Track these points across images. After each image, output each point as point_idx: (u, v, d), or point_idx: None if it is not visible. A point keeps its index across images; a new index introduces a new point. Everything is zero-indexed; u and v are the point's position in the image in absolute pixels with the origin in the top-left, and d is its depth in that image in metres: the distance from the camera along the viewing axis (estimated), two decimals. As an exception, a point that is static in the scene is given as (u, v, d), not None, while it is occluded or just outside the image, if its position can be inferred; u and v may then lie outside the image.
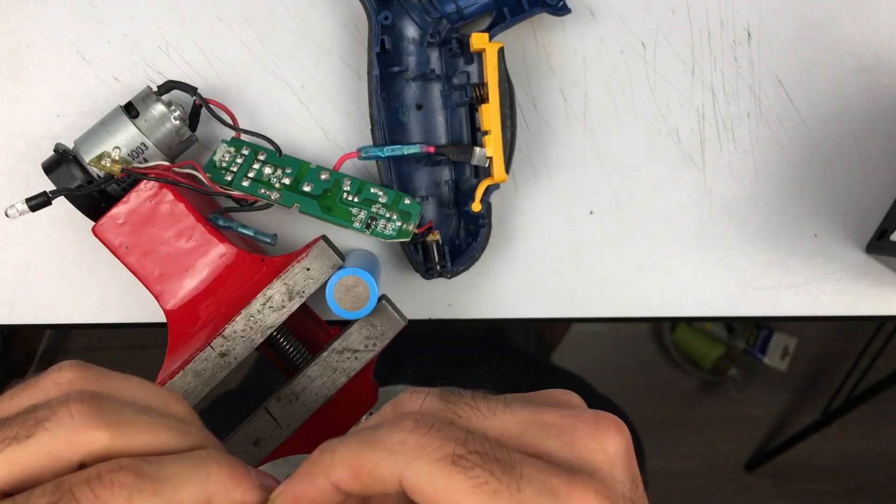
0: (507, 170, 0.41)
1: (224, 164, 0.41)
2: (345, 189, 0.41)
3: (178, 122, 0.39)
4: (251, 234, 0.41)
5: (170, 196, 0.39)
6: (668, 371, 1.57)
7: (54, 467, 0.23)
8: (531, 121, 0.46)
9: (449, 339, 0.76)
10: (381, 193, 0.41)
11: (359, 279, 0.37)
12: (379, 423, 0.26)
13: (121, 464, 0.23)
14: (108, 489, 0.22)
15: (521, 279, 0.46)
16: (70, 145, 0.40)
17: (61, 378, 0.25)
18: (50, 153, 0.40)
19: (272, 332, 0.38)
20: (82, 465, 0.24)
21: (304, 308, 0.40)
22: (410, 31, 0.42)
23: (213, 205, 0.43)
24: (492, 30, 0.41)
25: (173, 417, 0.26)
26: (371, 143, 0.42)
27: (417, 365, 0.70)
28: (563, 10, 0.42)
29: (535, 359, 1.11)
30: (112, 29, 0.44)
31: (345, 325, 0.39)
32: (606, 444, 0.25)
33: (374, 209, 0.41)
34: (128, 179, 0.38)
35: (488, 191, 0.42)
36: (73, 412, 0.23)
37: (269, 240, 0.41)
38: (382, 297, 0.38)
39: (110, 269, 0.44)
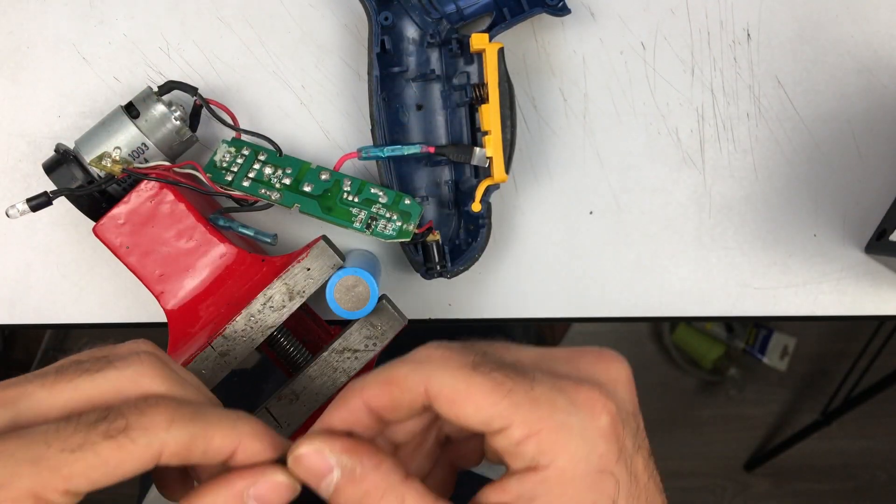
0: (507, 170, 0.41)
1: (224, 165, 0.41)
2: (345, 189, 0.41)
3: (178, 122, 0.39)
4: (251, 234, 0.41)
5: (170, 196, 0.39)
6: (667, 371, 1.57)
7: (114, 402, 0.26)
8: (531, 121, 0.46)
9: (450, 335, 0.76)
10: (381, 193, 0.41)
11: (359, 279, 0.37)
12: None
13: (164, 397, 0.26)
14: (152, 409, 0.25)
15: (521, 279, 0.46)
16: (71, 145, 0.40)
17: (137, 347, 0.28)
18: (51, 153, 0.40)
19: (272, 332, 0.38)
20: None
21: (304, 308, 0.40)
22: (410, 31, 0.42)
23: (213, 205, 0.43)
24: (492, 30, 0.41)
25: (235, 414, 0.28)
26: (371, 143, 0.42)
27: None
28: (562, 11, 0.42)
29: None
30: (113, 29, 0.44)
31: (345, 325, 0.39)
32: (610, 369, 0.28)
33: (374, 209, 0.41)
34: (128, 179, 0.39)
35: (488, 191, 0.42)
36: (142, 360, 0.27)
37: (269, 240, 0.41)
38: (382, 297, 0.38)
39: (111, 269, 0.45)
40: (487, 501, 0.27)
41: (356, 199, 0.41)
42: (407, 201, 0.41)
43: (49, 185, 0.39)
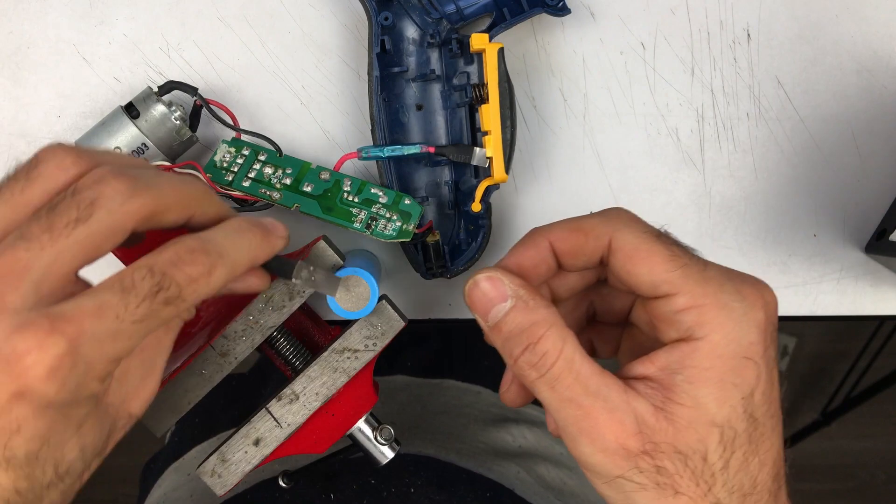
0: (507, 170, 0.41)
1: (225, 165, 0.41)
2: (345, 189, 0.41)
3: (178, 122, 0.39)
4: (252, 234, 0.41)
5: (170, 196, 0.39)
6: (667, 371, 1.57)
7: (114, 240, 0.27)
8: (531, 121, 0.46)
9: (450, 333, 0.76)
10: (381, 194, 0.41)
11: (359, 279, 0.37)
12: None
13: (189, 245, 0.27)
14: (192, 266, 0.27)
15: (520, 279, 0.46)
16: (71, 145, 0.40)
17: (63, 163, 0.28)
18: (51, 153, 0.40)
19: (272, 332, 0.38)
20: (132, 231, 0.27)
21: (304, 308, 0.40)
22: (410, 31, 0.42)
23: (213, 205, 0.43)
24: (492, 30, 0.41)
25: (177, 176, 0.30)
26: (371, 143, 0.42)
27: (417, 356, 0.70)
28: (562, 11, 0.42)
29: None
30: (113, 29, 0.44)
31: (345, 325, 0.39)
32: (768, 291, 0.30)
33: (374, 209, 0.41)
34: (128, 180, 0.39)
35: (488, 191, 0.42)
36: (116, 189, 0.27)
37: (269, 240, 0.41)
38: (382, 297, 0.38)
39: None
40: (633, 373, 0.29)
41: (356, 200, 0.41)
42: (407, 201, 0.41)
43: (49, 186, 0.39)
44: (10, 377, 0.24)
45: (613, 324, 0.36)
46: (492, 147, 0.41)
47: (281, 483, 0.44)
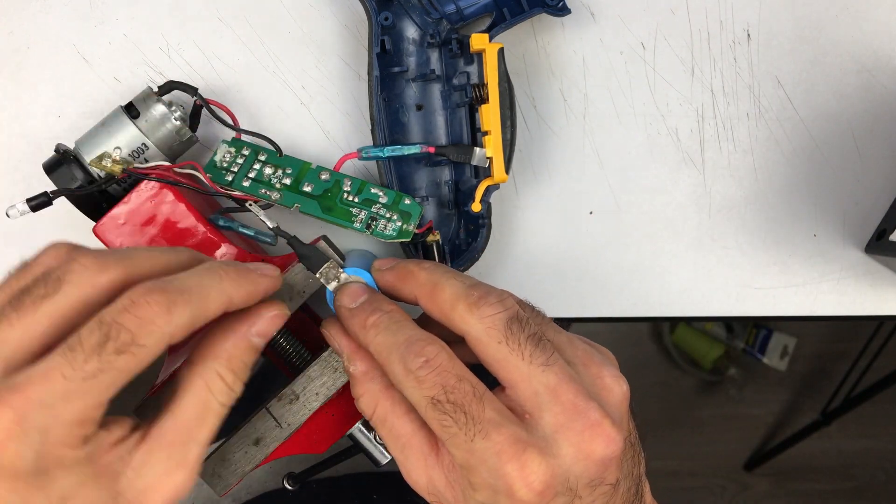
0: (507, 170, 0.41)
1: (225, 165, 0.41)
2: (345, 189, 0.41)
3: (178, 122, 0.39)
4: (252, 234, 0.41)
5: (170, 196, 0.39)
6: (667, 371, 1.58)
7: (87, 311, 0.27)
8: (531, 121, 0.46)
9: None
10: (381, 194, 0.41)
11: (359, 279, 0.37)
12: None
13: (146, 286, 0.27)
14: (145, 309, 0.26)
15: (521, 279, 0.46)
16: (71, 146, 0.40)
17: (58, 251, 0.28)
18: (51, 154, 0.40)
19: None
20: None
21: (304, 308, 0.40)
22: (410, 31, 0.42)
23: (213, 205, 0.43)
24: (492, 30, 0.41)
25: (160, 248, 0.31)
26: (371, 143, 0.42)
27: None
28: (562, 11, 0.42)
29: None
30: (113, 29, 0.44)
31: (345, 325, 0.39)
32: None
33: (374, 209, 0.41)
34: (128, 180, 0.39)
35: (488, 191, 0.42)
36: (84, 264, 0.27)
37: (269, 240, 0.41)
38: (383, 297, 0.38)
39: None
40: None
41: (356, 200, 0.41)
42: (407, 201, 0.41)
43: (49, 186, 0.39)
44: None
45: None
46: (492, 147, 0.41)
47: (286, 486, 0.44)
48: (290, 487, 0.44)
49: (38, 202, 0.38)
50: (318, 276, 0.34)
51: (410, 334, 0.32)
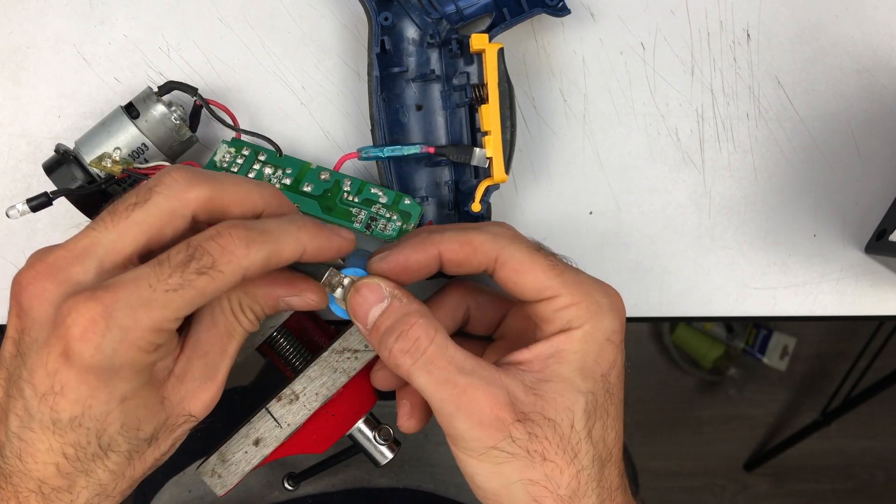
0: (507, 170, 0.41)
1: (225, 165, 0.41)
2: (345, 189, 0.41)
3: (178, 122, 0.39)
4: (252, 234, 0.41)
5: (170, 196, 0.39)
6: (667, 371, 1.58)
7: (174, 223, 0.29)
8: (531, 121, 0.46)
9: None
10: (381, 194, 0.41)
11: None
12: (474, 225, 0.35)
13: (233, 222, 0.29)
14: (228, 240, 0.28)
15: (520, 279, 0.46)
16: (71, 146, 0.40)
17: (167, 171, 0.30)
18: (51, 154, 0.40)
19: (272, 333, 0.38)
20: (193, 222, 0.30)
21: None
22: (410, 31, 0.42)
23: (213, 205, 0.43)
24: (492, 30, 0.41)
25: (246, 178, 0.33)
26: (371, 143, 0.42)
27: None
28: (562, 11, 0.42)
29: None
30: (113, 30, 0.44)
31: (345, 325, 0.39)
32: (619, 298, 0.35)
33: (374, 209, 0.41)
34: (128, 180, 0.39)
35: (488, 191, 0.42)
36: (174, 178, 0.29)
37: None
38: (383, 298, 0.38)
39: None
40: (511, 360, 0.33)
41: (356, 200, 0.41)
42: (407, 201, 0.41)
43: (49, 186, 0.39)
44: (55, 337, 0.27)
45: (479, 338, 0.40)
46: (492, 147, 0.41)
47: (286, 486, 0.44)
48: (289, 488, 0.44)
49: (38, 202, 0.38)
50: (321, 283, 0.34)
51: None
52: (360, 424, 0.40)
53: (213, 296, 0.29)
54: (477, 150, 0.41)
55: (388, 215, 0.41)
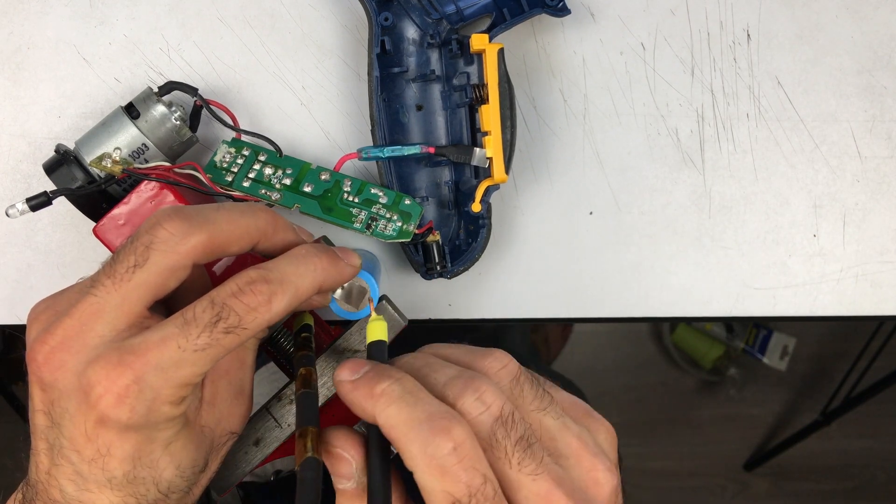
0: (507, 170, 0.41)
1: (225, 165, 0.41)
2: (345, 190, 0.41)
3: (178, 122, 0.39)
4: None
5: (171, 197, 0.39)
6: (667, 371, 1.58)
7: (176, 276, 0.29)
8: (531, 121, 0.46)
9: (450, 336, 0.76)
10: (381, 194, 0.41)
11: (359, 279, 0.37)
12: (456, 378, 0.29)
13: (250, 275, 0.29)
14: (251, 297, 0.29)
15: (521, 279, 0.46)
16: (71, 146, 0.40)
17: (155, 218, 0.30)
18: (51, 154, 0.40)
19: (272, 333, 0.38)
20: (194, 268, 0.30)
21: (304, 308, 0.40)
22: (410, 32, 0.42)
23: (213, 205, 0.43)
24: (492, 31, 0.42)
25: (238, 208, 0.32)
26: (371, 143, 0.42)
27: None
28: (562, 11, 0.42)
29: (536, 359, 1.11)
30: (113, 30, 0.44)
31: (345, 325, 0.39)
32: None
33: (374, 210, 0.41)
34: (129, 180, 0.39)
35: (488, 191, 0.42)
36: (170, 231, 0.29)
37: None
38: (383, 298, 0.38)
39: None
40: None
41: (356, 200, 0.41)
42: (407, 202, 0.41)
43: (49, 186, 0.39)
44: (87, 406, 0.28)
45: None
46: (492, 147, 0.41)
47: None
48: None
49: (38, 202, 0.38)
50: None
51: (430, 408, 0.27)
52: (360, 425, 0.40)
53: (236, 348, 0.29)
54: (477, 150, 0.41)
55: (388, 215, 0.41)
